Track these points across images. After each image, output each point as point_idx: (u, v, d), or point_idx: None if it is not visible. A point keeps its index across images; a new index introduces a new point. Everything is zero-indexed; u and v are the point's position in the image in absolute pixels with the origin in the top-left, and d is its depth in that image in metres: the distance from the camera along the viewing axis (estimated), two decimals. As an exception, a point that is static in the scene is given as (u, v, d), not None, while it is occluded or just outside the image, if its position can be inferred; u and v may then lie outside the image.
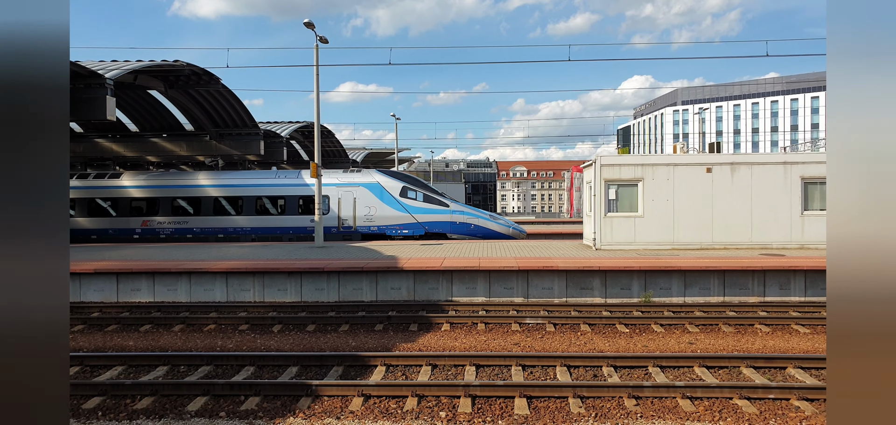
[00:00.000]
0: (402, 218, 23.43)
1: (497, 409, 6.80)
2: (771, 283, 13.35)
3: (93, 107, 19.51)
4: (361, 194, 23.66)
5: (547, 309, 12.32)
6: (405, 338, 10.31)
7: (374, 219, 23.51)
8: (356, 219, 23.54)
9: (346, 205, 23.62)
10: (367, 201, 23.60)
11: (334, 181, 24.09)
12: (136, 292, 14.05)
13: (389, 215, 23.52)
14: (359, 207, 23.54)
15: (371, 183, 23.93)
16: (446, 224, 23.69)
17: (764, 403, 6.93)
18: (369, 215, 23.49)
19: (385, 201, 23.51)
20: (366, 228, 23.60)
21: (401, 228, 23.46)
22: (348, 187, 23.81)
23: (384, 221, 23.49)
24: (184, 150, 28.02)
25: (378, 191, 23.67)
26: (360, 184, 23.90)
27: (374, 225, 23.54)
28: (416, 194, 23.80)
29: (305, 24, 19.72)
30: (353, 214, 23.56)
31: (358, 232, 23.64)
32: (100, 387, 7.33)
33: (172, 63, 22.35)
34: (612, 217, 16.99)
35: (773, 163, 16.94)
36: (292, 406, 6.92)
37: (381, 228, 23.52)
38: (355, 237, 23.63)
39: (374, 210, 23.51)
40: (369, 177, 24.26)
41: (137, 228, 24.72)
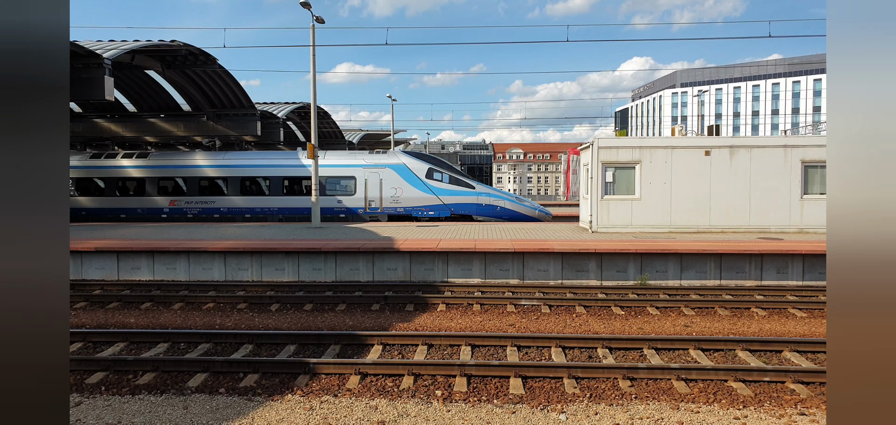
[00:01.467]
0: (428, 199, 23.47)
1: (492, 388, 6.88)
2: (768, 267, 13.42)
3: (91, 87, 19.40)
4: (388, 175, 23.67)
5: (542, 290, 12.40)
6: (401, 318, 10.39)
7: (401, 201, 23.55)
8: (382, 200, 23.57)
9: (372, 186, 23.65)
10: (394, 182, 23.63)
11: (360, 162, 24.12)
12: (137, 270, 14.10)
13: (415, 196, 23.56)
14: (385, 188, 23.56)
15: (397, 164, 23.92)
16: (472, 205, 23.74)
17: (759, 386, 7.01)
18: (396, 196, 23.52)
19: (411, 182, 23.55)
20: (392, 209, 23.62)
21: (427, 210, 23.50)
22: (375, 168, 23.83)
23: (410, 203, 23.52)
24: (181, 131, 27.93)
25: (404, 172, 23.67)
26: (387, 166, 23.90)
27: (400, 206, 23.58)
28: (441, 176, 23.83)
29: (302, 4, 19.56)
30: (379, 195, 23.59)
31: (384, 212, 23.67)
32: (102, 363, 7.40)
33: (169, 43, 22.19)
34: (609, 200, 17.02)
35: (773, 146, 16.94)
36: (290, 383, 7.00)
37: (408, 209, 23.55)
38: (381, 218, 23.65)
39: (400, 191, 23.55)
40: (396, 158, 24.25)
41: (165, 208, 24.69)
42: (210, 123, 27.61)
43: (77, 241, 14.97)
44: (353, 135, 49.04)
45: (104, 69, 19.38)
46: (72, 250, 14.08)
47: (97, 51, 19.43)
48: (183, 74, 25.11)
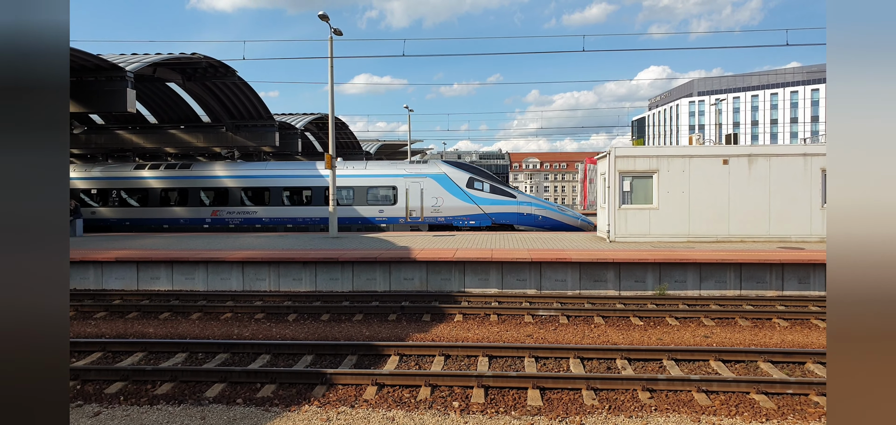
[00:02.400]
0: (469, 208, 23.43)
1: (510, 400, 6.82)
2: (789, 277, 13.18)
3: (114, 100, 19.80)
4: (429, 185, 23.70)
5: (560, 301, 12.30)
6: (418, 328, 10.37)
7: (441, 210, 23.56)
8: (423, 209, 23.60)
9: (413, 196, 23.71)
10: (434, 192, 23.64)
11: (402, 172, 24.21)
12: (156, 280, 14.28)
13: (456, 206, 23.55)
14: (426, 198, 23.60)
15: (438, 173, 23.93)
16: (513, 215, 23.62)
17: (782, 398, 6.87)
18: (436, 205, 23.54)
19: (452, 192, 23.53)
20: (433, 219, 23.62)
21: (468, 219, 23.45)
22: (416, 178, 23.89)
23: (451, 212, 23.51)
24: (201, 142, 28.33)
25: (445, 181, 23.67)
26: (428, 175, 23.93)
27: (441, 215, 23.58)
28: (482, 185, 23.80)
29: (320, 17, 19.78)
30: (420, 205, 23.63)
31: (425, 222, 23.67)
32: (122, 372, 7.49)
33: (190, 56, 22.58)
34: (627, 209, 16.87)
35: (793, 154, 16.68)
36: (307, 394, 7.01)
37: (448, 219, 23.54)
38: (422, 228, 23.63)
39: (440, 200, 23.55)
40: (436, 168, 24.29)
41: (207, 218, 24.90)
42: (229, 134, 27.97)
43: (97, 252, 15.22)
44: (370, 146, 49.34)
45: (127, 82, 19.77)
46: (92, 260, 14.31)
47: (120, 64, 19.83)
48: (203, 86, 25.50)
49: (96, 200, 26.05)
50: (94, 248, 16.08)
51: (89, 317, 11.56)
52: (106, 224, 25.60)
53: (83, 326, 10.80)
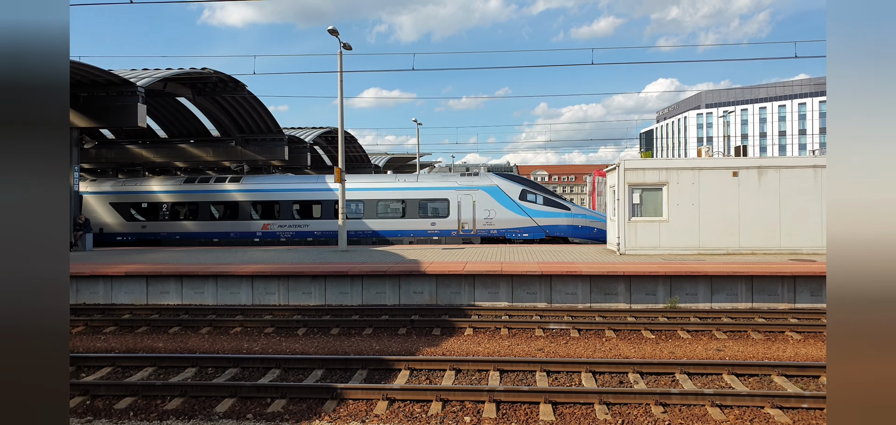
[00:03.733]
0: (521, 221, 23.28)
1: (522, 415, 6.76)
2: (802, 290, 13.03)
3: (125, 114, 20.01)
4: (480, 197, 23.60)
5: (571, 314, 12.22)
6: (428, 343, 10.33)
7: (494, 222, 23.43)
8: (476, 222, 23.49)
9: (465, 208, 23.61)
10: (487, 204, 23.51)
11: (453, 184, 24.08)
12: (165, 295, 14.33)
13: (509, 218, 23.42)
14: (478, 210, 23.51)
15: (490, 186, 23.81)
16: (567, 227, 23.48)
17: (797, 413, 6.76)
18: (489, 218, 23.42)
19: (504, 204, 23.39)
20: (485, 231, 23.50)
21: (521, 231, 23.30)
22: (468, 190, 23.78)
23: (504, 224, 23.36)
24: (210, 156, 28.55)
25: (497, 193, 23.56)
26: (480, 188, 23.79)
27: (493, 228, 23.46)
28: (535, 197, 23.69)
29: (329, 31, 19.94)
30: (472, 217, 23.51)
31: (478, 235, 23.56)
32: (131, 388, 7.49)
33: (200, 70, 22.82)
34: (637, 221, 16.79)
35: (803, 166, 16.57)
36: (318, 408, 6.98)
37: (501, 231, 23.40)
38: (475, 240, 23.49)
39: (493, 213, 23.43)
40: (488, 180, 24.17)
41: (258, 232, 24.81)
42: (238, 148, 28.18)
43: (107, 266, 15.30)
44: (379, 159, 49.54)
45: (137, 97, 19.98)
46: (102, 275, 14.39)
47: (131, 79, 20.05)
48: (212, 101, 25.74)
49: (146, 215, 25.98)
50: (103, 263, 16.17)
51: (99, 331, 11.60)
52: (156, 238, 25.53)
53: (93, 341, 10.84)
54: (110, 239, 25.85)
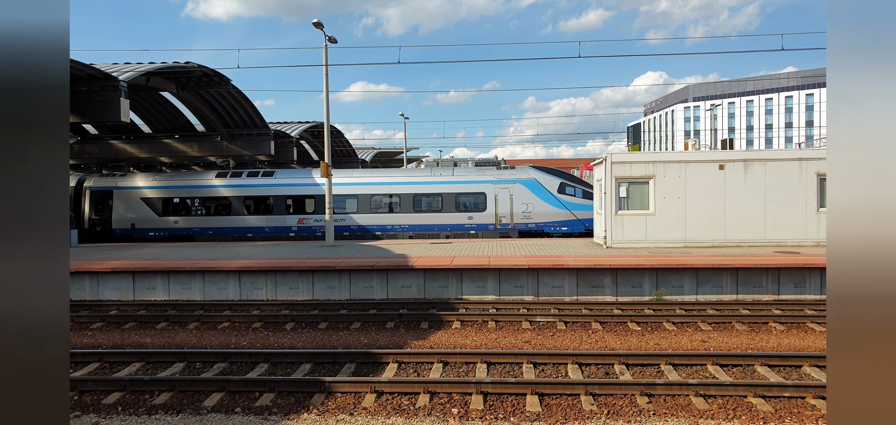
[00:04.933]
0: (560, 214, 23.17)
1: (509, 406, 6.82)
2: (786, 281, 13.24)
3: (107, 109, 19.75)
4: (518, 191, 23.46)
5: (558, 307, 12.31)
6: (416, 336, 10.37)
7: (533, 216, 23.30)
8: (513, 215, 23.35)
9: (502, 202, 23.45)
10: (524, 198, 23.38)
11: (490, 178, 23.94)
12: (152, 290, 14.23)
13: (547, 212, 23.32)
14: (516, 204, 23.36)
15: (528, 179, 23.67)
16: None
17: (779, 401, 6.90)
18: (527, 212, 23.30)
19: (542, 198, 23.26)
20: (523, 225, 23.39)
21: (559, 225, 23.19)
22: (505, 184, 23.62)
23: (542, 218, 23.25)
24: (195, 151, 28.28)
25: (535, 187, 23.43)
26: (517, 181, 23.64)
27: (531, 222, 23.34)
28: (574, 190, 23.58)
29: (314, 25, 19.83)
30: (510, 211, 23.36)
31: (515, 228, 23.43)
32: (119, 383, 7.45)
33: (184, 64, 22.57)
34: (623, 215, 16.93)
35: (788, 159, 16.79)
36: (306, 402, 7.00)
37: (539, 225, 23.28)
38: (512, 234, 23.38)
39: (531, 206, 23.30)
40: (525, 173, 24.05)
41: (293, 226, 24.57)
42: (224, 143, 27.94)
43: (93, 262, 15.16)
44: (366, 154, 49.36)
45: (120, 91, 19.73)
46: (88, 271, 14.25)
47: (113, 73, 19.80)
48: (197, 95, 25.49)
49: (178, 210, 25.63)
50: (89, 259, 16.01)
51: (86, 327, 11.50)
52: (188, 233, 25.26)
53: (80, 337, 10.75)
54: (142, 234, 25.53)
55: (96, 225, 25.93)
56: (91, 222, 26.04)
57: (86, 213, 26.10)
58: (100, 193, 26.09)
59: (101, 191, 26.10)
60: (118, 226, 25.70)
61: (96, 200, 26.12)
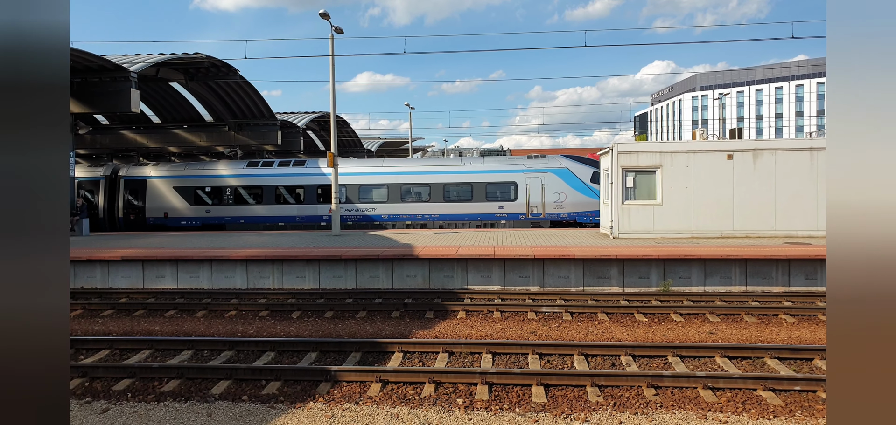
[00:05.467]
0: (593, 204, 22.88)
1: (514, 397, 6.82)
2: (796, 273, 13.12)
3: (118, 100, 19.87)
4: (550, 180, 23.22)
5: (563, 297, 12.28)
6: (421, 326, 10.38)
7: (565, 206, 23.09)
8: (545, 205, 23.16)
9: (534, 191, 23.22)
10: (556, 187, 23.14)
11: (521, 167, 23.76)
12: (161, 279, 14.33)
13: (580, 201, 23.12)
14: (548, 194, 23.14)
15: (559, 168, 23.43)
16: None
17: (790, 395, 6.84)
18: (559, 201, 23.08)
19: (575, 187, 22.98)
20: (555, 215, 23.19)
21: (593, 215, 22.91)
22: (536, 173, 23.41)
23: (574, 208, 23.01)
24: (203, 141, 28.42)
25: (567, 176, 23.19)
26: (549, 170, 23.41)
27: (563, 211, 23.15)
28: None
29: (321, 15, 19.78)
30: (541, 201, 23.16)
31: (547, 218, 23.23)
32: (129, 370, 7.52)
33: (192, 55, 22.62)
34: (630, 205, 16.83)
35: (799, 148, 16.59)
36: (312, 390, 7.02)
37: (572, 215, 23.05)
38: (544, 224, 23.19)
39: (563, 196, 23.06)
40: (557, 162, 23.81)
41: (325, 215, 24.57)
42: (231, 133, 28.05)
43: (104, 251, 15.28)
44: (372, 144, 49.36)
45: (131, 82, 19.83)
46: (98, 259, 14.37)
47: (124, 65, 19.89)
48: (205, 86, 25.56)
49: (210, 199, 25.67)
50: (100, 247, 16.14)
51: (96, 315, 11.61)
52: (220, 222, 25.31)
53: (90, 324, 10.85)
54: (175, 223, 25.57)
55: (130, 214, 26.02)
56: (125, 211, 26.10)
57: (120, 202, 26.17)
58: (134, 182, 26.11)
59: (135, 180, 26.12)
60: (151, 216, 25.76)
61: (130, 189, 26.15)
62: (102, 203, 26.30)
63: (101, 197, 26.37)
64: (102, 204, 26.29)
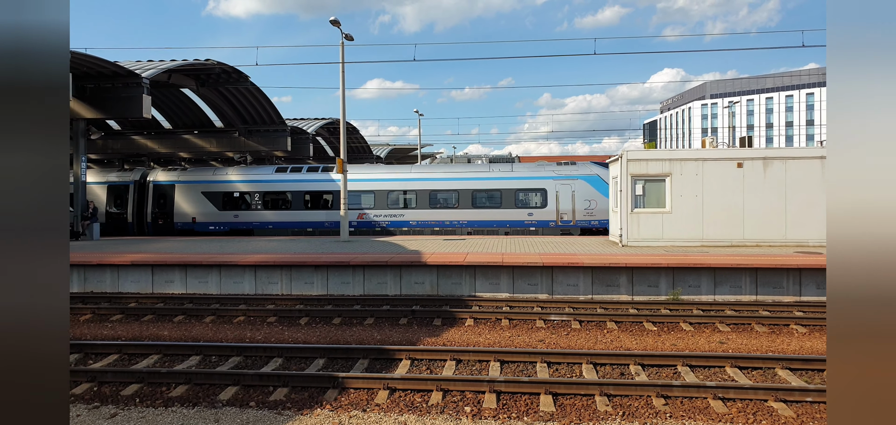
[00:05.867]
0: None
1: (522, 405, 6.78)
2: (807, 282, 12.98)
3: (131, 106, 20.06)
4: (580, 187, 23.14)
5: (572, 305, 12.22)
6: (429, 333, 10.35)
7: (595, 213, 22.96)
8: (575, 212, 23.06)
9: (564, 198, 23.14)
10: (587, 194, 23.06)
11: (551, 174, 23.74)
12: (170, 284, 14.41)
13: None
14: (578, 201, 23.05)
15: (590, 175, 23.36)
16: None
17: (801, 406, 6.75)
18: (590, 208, 22.97)
19: (606, 194, 22.80)
20: (585, 222, 23.09)
21: None
22: (566, 180, 23.36)
23: (605, 215, 22.77)
24: (214, 147, 28.62)
25: (598, 183, 23.10)
26: (579, 177, 23.36)
27: (594, 219, 23.01)
28: None
29: (331, 22, 19.90)
30: (571, 208, 23.06)
31: (577, 225, 23.15)
32: (137, 374, 7.55)
33: (204, 62, 22.82)
34: (639, 213, 16.74)
35: (810, 157, 16.45)
36: (320, 397, 7.02)
37: (603, 222, 22.89)
38: (574, 231, 23.11)
39: (594, 203, 22.94)
40: (588, 169, 23.78)
41: (353, 221, 24.52)
42: (242, 139, 28.23)
43: (114, 255, 15.39)
44: (381, 150, 49.50)
45: (143, 88, 20.02)
46: (108, 264, 14.48)
47: (136, 71, 20.10)
48: (216, 92, 25.76)
49: (238, 204, 25.72)
50: (110, 252, 16.27)
51: (106, 319, 11.68)
52: (248, 228, 25.34)
53: (100, 329, 10.92)
54: (203, 228, 25.59)
55: (158, 219, 26.02)
56: (154, 216, 26.08)
57: (149, 207, 26.17)
58: (162, 187, 26.13)
59: (163, 186, 26.14)
60: (180, 220, 25.76)
61: (159, 194, 26.14)
62: (132, 208, 26.31)
63: (131, 202, 26.36)
64: (132, 209, 26.30)
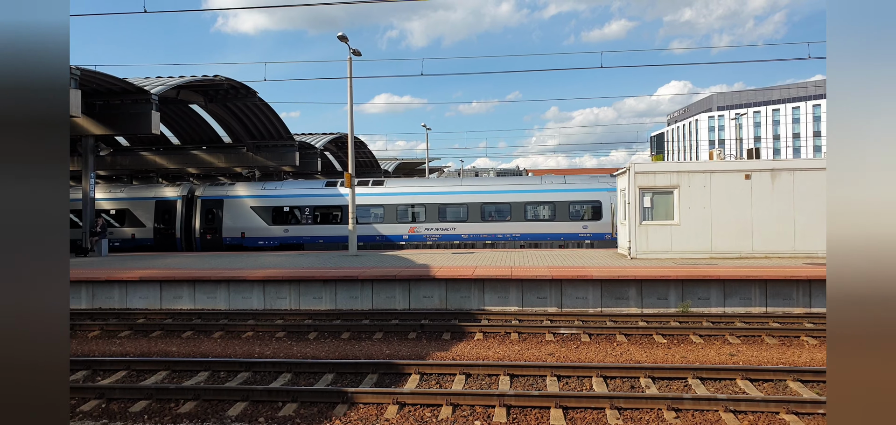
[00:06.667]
0: None
1: (532, 419, 6.73)
2: (817, 294, 12.87)
3: (139, 122, 20.26)
4: None
5: (581, 318, 12.16)
6: (438, 347, 10.32)
7: None
8: None
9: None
10: None
11: (605, 186, 23.74)
12: (179, 299, 14.46)
13: None
14: None
15: None
16: None
17: (813, 419, 6.67)
18: None
19: None
20: None
21: None
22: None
23: None
24: (222, 162, 28.81)
25: None
26: None
27: None
28: None
29: (339, 38, 20.08)
30: None
31: None
32: (145, 391, 7.56)
33: (212, 78, 23.04)
34: (648, 225, 16.69)
35: (817, 168, 16.37)
36: (329, 412, 7.00)
37: None
38: None
39: None
40: None
41: (404, 235, 24.48)
42: (250, 155, 28.42)
43: (122, 271, 15.48)
44: (389, 164, 49.67)
45: (151, 105, 20.23)
46: (117, 280, 14.56)
47: (145, 87, 20.31)
48: (224, 107, 25.99)
49: (287, 219, 25.57)
50: (118, 268, 16.36)
51: (114, 335, 11.73)
52: (298, 242, 25.16)
53: (108, 345, 10.96)
54: (252, 243, 25.41)
55: (206, 233, 25.91)
56: (202, 231, 25.95)
57: (197, 222, 26.04)
58: (210, 202, 26.02)
59: (211, 200, 26.04)
60: (228, 236, 25.64)
61: (207, 209, 26.00)
62: (179, 223, 26.18)
63: (179, 217, 26.23)
64: (179, 224, 26.18)
